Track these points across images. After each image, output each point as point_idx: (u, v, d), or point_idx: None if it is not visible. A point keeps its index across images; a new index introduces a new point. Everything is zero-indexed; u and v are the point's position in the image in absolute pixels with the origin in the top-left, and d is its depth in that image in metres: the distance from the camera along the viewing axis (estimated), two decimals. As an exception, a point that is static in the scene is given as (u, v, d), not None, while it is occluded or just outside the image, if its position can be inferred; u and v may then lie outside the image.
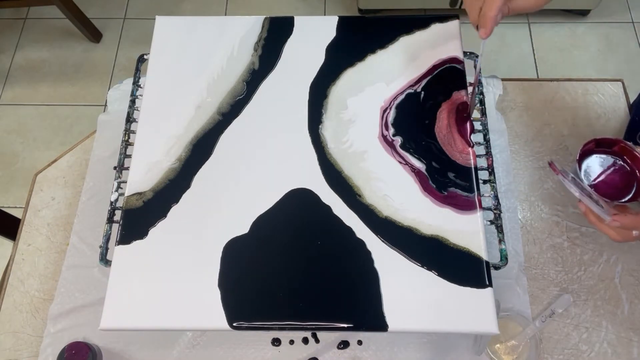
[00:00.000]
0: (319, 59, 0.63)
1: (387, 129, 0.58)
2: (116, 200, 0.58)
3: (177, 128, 0.59)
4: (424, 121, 0.59)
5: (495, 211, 0.57)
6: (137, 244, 0.53)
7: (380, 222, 0.53)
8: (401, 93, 0.60)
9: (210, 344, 0.63)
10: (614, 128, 0.76)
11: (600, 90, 0.79)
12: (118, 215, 0.56)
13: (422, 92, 0.60)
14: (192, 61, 0.63)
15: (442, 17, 0.64)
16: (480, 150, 0.60)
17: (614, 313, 0.65)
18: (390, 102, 0.60)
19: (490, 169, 0.59)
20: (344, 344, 0.62)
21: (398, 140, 0.58)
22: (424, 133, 0.58)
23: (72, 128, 1.74)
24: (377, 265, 0.51)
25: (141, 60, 0.67)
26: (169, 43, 0.64)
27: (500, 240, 0.55)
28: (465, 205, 0.54)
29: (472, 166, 0.56)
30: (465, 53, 0.63)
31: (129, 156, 0.58)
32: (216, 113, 0.60)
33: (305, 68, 0.62)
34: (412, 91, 0.60)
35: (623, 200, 0.57)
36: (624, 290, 0.66)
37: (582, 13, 1.84)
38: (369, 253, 0.52)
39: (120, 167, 0.60)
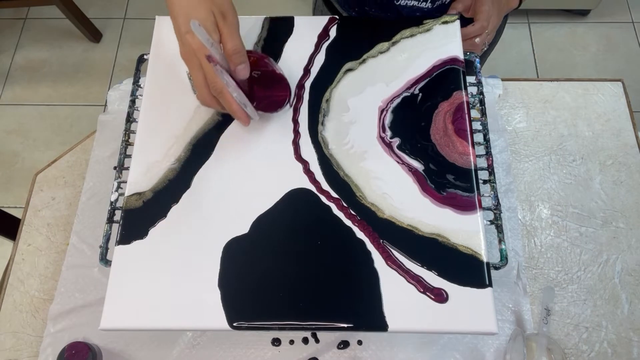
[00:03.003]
0: (319, 59, 0.63)
1: (384, 130, 0.58)
2: (116, 200, 0.58)
3: (176, 128, 0.59)
4: (420, 123, 0.59)
5: (495, 211, 0.57)
6: (137, 244, 0.53)
7: (381, 222, 0.53)
8: (398, 96, 0.60)
9: (210, 344, 0.63)
10: (614, 128, 0.77)
11: (600, 90, 0.79)
12: (118, 215, 0.56)
13: (420, 94, 0.60)
14: (192, 61, 0.63)
15: (443, 17, 0.64)
16: (480, 150, 0.60)
17: (614, 313, 0.65)
18: (387, 104, 0.60)
19: (490, 169, 0.59)
20: (344, 344, 0.62)
21: (395, 142, 0.58)
22: (420, 135, 0.58)
23: (72, 128, 1.75)
24: (377, 265, 0.51)
25: (141, 60, 0.67)
26: (169, 43, 0.64)
27: (500, 240, 0.55)
28: (465, 205, 0.54)
29: (472, 168, 0.56)
30: (465, 53, 0.63)
31: (129, 156, 0.58)
32: (215, 113, 0.60)
33: (306, 68, 0.62)
34: (409, 94, 0.60)
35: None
36: (624, 290, 0.66)
37: (582, 13, 1.84)
38: (369, 253, 0.52)
39: (120, 167, 0.60)
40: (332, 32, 0.64)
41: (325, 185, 0.55)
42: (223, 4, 0.51)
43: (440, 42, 0.63)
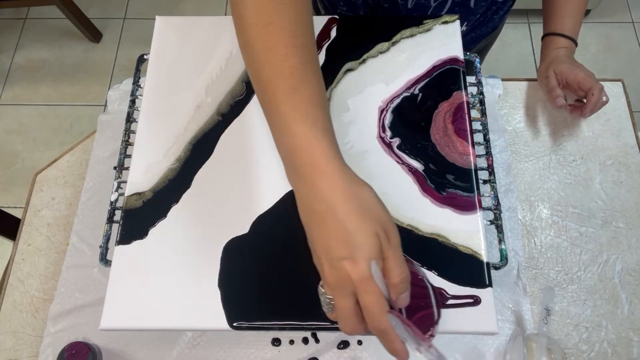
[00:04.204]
0: (319, 59, 0.63)
1: (384, 130, 0.58)
2: (116, 200, 0.58)
3: (176, 128, 0.59)
4: (420, 124, 0.59)
5: (495, 211, 0.57)
6: (137, 244, 0.53)
7: (380, 222, 0.53)
8: (398, 96, 0.60)
9: (210, 344, 0.63)
10: (614, 128, 0.77)
11: (600, 90, 0.79)
12: (118, 215, 0.56)
13: (420, 94, 0.60)
14: (191, 61, 0.63)
15: (443, 17, 0.64)
16: (480, 150, 0.60)
17: (614, 313, 0.65)
18: (387, 104, 0.60)
19: (490, 169, 0.59)
20: (344, 344, 0.62)
21: (395, 142, 0.58)
22: (420, 136, 0.58)
23: (72, 128, 1.75)
24: (377, 265, 0.51)
25: (141, 60, 0.67)
26: (169, 43, 0.64)
27: (500, 240, 0.55)
28: (465, 205, 0.54)
29: (472, 168, 0.56)
30: (465, 53, 0.63)
31: (129, 156, 0.58)
32: (215, 113, 0.60)
33: (305, 68, 0.62)
34: (409, 94, 0.60)
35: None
36: (624, 290, 0.66)
37: (582, 13, 1.84)
38: (369, 253, 0.52)
39: (120, 167, 0.60)
40: (332, 33, 0.64)
41: (325, 185, 0.55)
42: (386, 222, 0.42)
43: (440, 42, 0.63)
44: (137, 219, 0.54)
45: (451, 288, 0.50)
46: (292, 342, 0.63)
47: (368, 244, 0.39)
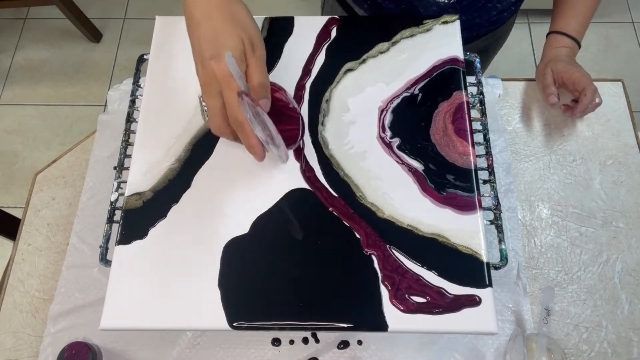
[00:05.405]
0: (319, 59, 0.63)
1: (384, 130, 0.58)
2: (116, 200, 0.58)
3: (176, 128, 0.59)
4: (420, 124, 0.59)
5: (495, 211, 0.57)
6: (137, 244, 0.53)
7: (381, 222, 0.53)
8: (398, 96, 0.60)
9: (210, 344, 0.63)
10: (614, 128, 0.77)
11: (600, 90, 0.78)
12: (118, 215, 0.56)
13: (420, 94, 0.60)
14: (191, 61, 0.62)
15: (443, 17, 0.64)
16: (480, 150, 0.60)
17: (614, 313, 0.65)
18: (387, 104, 0.60)
19: (490, 169, 0.59)
20: (344, 344, 0.62)
21: (395, 142, 0.58)
22: (420, 136, 0.58)
23: (72, 128, 1.75)
24: (377, 265, 0.51)
25: (141, 60, 0.67)
26: (169, 43, 0.64)
27: (500, 240, 0.55)
28: (465, 205, 0.54)
29: (472, 168, 0.56)
30: (465, 53, 0.63)
31: (129, 156, 0.58)
32: (216, 113, 0.60)
33: (305, 68, 0.62)
34: (409, 94, 0.60)
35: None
36: (623, 290, 0.66)
37: (582, 13, 1.84)
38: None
39: (120, 167, 0.60)
40: (333, 33, 0.64)
41: (326, 185, 0.55)
42: (253, 34, 0.49)
43: (440, 42, 0.63)
44: (137, 219, 0.54)
45: (451, 288, 0.50)
46: (292, 342, 0.63)
47: (231, 44, 0.46)
